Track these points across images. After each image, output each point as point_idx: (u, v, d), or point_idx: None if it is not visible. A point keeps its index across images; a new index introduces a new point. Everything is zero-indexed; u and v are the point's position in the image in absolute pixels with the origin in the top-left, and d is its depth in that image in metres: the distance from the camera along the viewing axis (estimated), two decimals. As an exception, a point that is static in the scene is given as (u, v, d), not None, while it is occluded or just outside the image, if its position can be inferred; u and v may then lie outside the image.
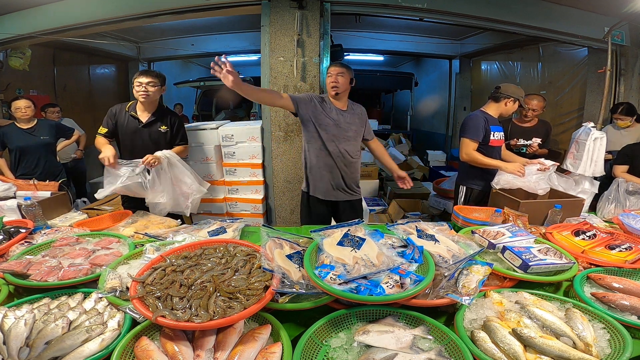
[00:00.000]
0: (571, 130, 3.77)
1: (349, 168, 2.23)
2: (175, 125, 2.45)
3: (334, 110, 2.19)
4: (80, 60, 5.96)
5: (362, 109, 2.36)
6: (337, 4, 3.21)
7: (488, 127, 2.36)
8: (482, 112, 2.43)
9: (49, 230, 1.70)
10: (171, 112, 2.51)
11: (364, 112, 2.36)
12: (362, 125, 2.30)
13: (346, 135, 2.19)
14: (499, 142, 2.45)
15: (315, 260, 1.20)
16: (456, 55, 6.90)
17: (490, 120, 2.39)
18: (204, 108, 7.29)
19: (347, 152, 2.20)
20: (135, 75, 2.31)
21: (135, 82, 2.28)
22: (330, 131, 2.15)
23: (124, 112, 2.37)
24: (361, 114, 2.32)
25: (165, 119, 2.42)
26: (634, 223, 1.71)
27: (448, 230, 1.53)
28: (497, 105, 2.40)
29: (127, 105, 2.38)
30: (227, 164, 3.24)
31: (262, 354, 0.90)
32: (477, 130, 2.34)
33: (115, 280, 1.12)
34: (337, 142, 2.17)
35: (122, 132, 2.36)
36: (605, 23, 3.72)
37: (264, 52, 3.15)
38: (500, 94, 2.37)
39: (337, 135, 2.16)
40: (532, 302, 1.09)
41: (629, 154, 2.69)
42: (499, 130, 2.44)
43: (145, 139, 2.35)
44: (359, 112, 2.32)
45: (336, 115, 2.18)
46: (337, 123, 2.16)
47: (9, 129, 3.08)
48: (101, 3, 3.48)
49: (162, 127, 2.39)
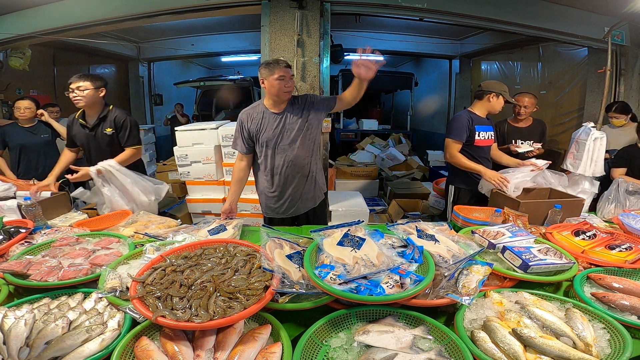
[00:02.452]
0: (571, 130, 3.76)
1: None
2: (120, 125, 2.27)
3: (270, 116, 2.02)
4: (80, 60, 5.97)
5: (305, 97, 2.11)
6: (337, 4, 3.22)
7: (472, 126, 2.35)
8: (468, 111, 2.43)
9: (49, 230, 1.70)
10: (118, 112, 2.32)
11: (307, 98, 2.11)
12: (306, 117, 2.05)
13: (291, 139, 2.01)
14: (486, 142, 2.42)
15: (315, 260, 1.20)
16: (456, 55, 6.91)
17: (475, 120, 2.38)
18: (204, 108, 7.30)
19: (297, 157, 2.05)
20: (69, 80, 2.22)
21: (69, 89, 2.18)
22: (270, 144, 2.01)
23: (75, 120, 2.33)
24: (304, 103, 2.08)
25: (109, 121, 2.28)
26: (634, 223, 1.70)
27: (448, 230, 1.53)
28: (482, 102, 2.41)
29: (77, 114, 2.33)
30: (227, 164, 3.24)
31: (262, 354, 0.90)
32: (460, 131, 2.34)
33: (115, 280, 1.12)
34: (283, 153, 2.02)
35: (77, 140, 2.34)
36: (605, 23, 3.72)
37: (264, 52, 3.15)
38: (482, 91, 2.39)
39: (279, 144, 2.02)
40: (532, 302, 1.09)
41: (626, 157, 2.68)
42: (487, 129, 2.42)
43: (97, 144, 2.28)
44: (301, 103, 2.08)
45: (275, 122, 2.01)
46: (278, 130, 2.01)
47: (10, 127, 3.15)
48: (101, 3, 3.48)
49: (107, 129, 2.27)
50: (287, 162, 2.05)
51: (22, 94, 4.82)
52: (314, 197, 2.20)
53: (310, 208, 2.20)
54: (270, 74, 1.93)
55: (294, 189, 2.12)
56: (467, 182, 2.45)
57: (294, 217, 2.20)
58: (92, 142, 2.30)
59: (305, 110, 2.05)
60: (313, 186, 2.18)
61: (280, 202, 2.16)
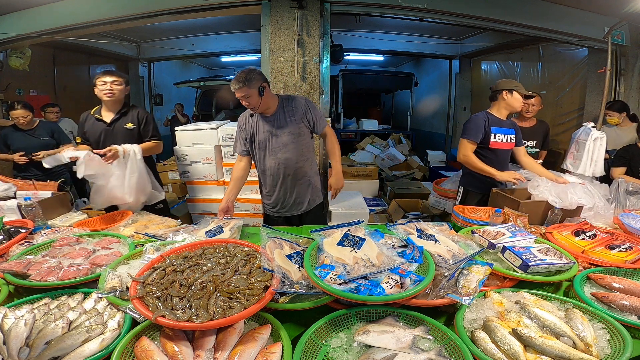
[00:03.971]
0: (571, 130, 3.77)
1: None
2: (143, 120, 2.37)
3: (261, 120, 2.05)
4: (80, 60, 5.97)
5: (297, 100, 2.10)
6: (337, 4, 3.22)
7: (489, 128, 2.28)
8: (485, 112, 2.36)
9: (49, 230, 1.70)
10: (138, 108, 2.43)
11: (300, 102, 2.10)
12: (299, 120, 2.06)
13: (282, 142, 2.04)
14: (503, 144, 2.31)
15: (315, 260, 1.20)
16: (456, 55, 6.91)
17: (492, 121, 2.30)
18: (204, 108, 7.29)
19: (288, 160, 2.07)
20: (98, 75, 2.25)
21: (99, 82, 2.22)
22: (262, 145, 2.05)
23: (90, 116, 2.35)
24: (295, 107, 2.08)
25: (132, 116, 2.35)
26: (634, 223, 1.70)
27: (448, 230, 1.53)
28: (497, 103, 2.33)
29: (93, 110, 2.36)
30: (227, 164, 3.24)
31: (262, 354, 0.90)
32: (475, 131, 2.27)
33: (115, 280, 1.12)
34: (275, 154, 2.05)
35: (90, 137, 2.35)
36: (605, 23, 3.72)
37: (264, 52, 3.15)
38: (494, 91, 2.34)
39: (270, 147, 2.05)
40: (532, 302, 1.09)
41: (626, 156, 2.68)
42: (505, 132, 2.31)
43: (113, 139, 2.29)
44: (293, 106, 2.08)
45: (266, 125, 2.04)
46: (269, 133, 2.04)
47: (9, 130, 3.15)
48: (101, 3, 3.48)
49: (127, 124, 2.32)
50: (278, 164, 2.08)
51: (22, 94, 4.83)
52: (308, 200, 2.21)
53: (303, 211, 2.21)
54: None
55: (284, 190, 2.15)
56: (476, 185, 2.40)
57: (287, 217, 2.22)
58: (109, 136, 2.32)
59: (298, 115, 2.06)
60: (308, 189, 2.19)
61: (271, 201, 2.21)
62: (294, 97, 2.12)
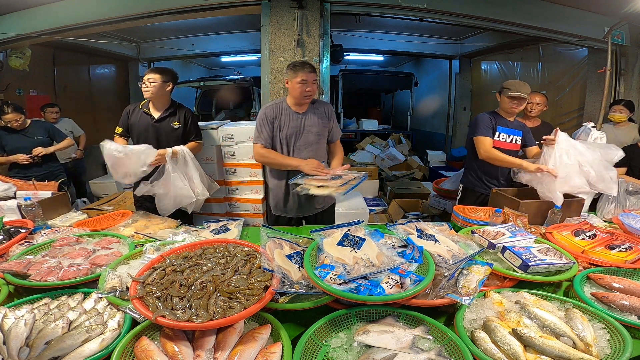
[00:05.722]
0: (571, 130, 3.75)
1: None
2: (189, 121, 2.46)
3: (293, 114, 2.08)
4: (80, 60, 5.96)
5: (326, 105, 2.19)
6: (337, 4, 3.22)
7: (495, 126, 2.29)
8: (493, 111, 2.39)
9: (49, 230, 1.70)
10: (184, 108, 2.50)
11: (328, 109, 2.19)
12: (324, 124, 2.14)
13: (308, 141, 2.08)
14: (507, 145, 2.30)
15: (315, 260, 1.20)
16: (456, 55, 6.91)
17: (499, 120, 2.31)
18: (204, 108, 7.28)
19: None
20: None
21: (142, 80, 2.33)
22: (290, 141, 2.07)
23: (138, 109, 2.41)
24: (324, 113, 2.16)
25: (178, 115, 2.43)
26: (634, 223, 1.70)
27: (448, 230, 1.53)
28: (500, 104, 2.38)
29: (141, 104, 2.42)
30: (227, 164, 3.23)
31: (262, 354, 0.90)
32: (486, 127, 2.27)
33: (115, 280, 1.12)
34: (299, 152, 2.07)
35: (135, 129, 2.39)
36: (605, 23, 3.72)
37: (264, 52, 3.15)
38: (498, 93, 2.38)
39: (297, 143, 2.07)
40: (532, 302, 1.09)
41: (626, 156, 2.67)
42: (510, 132, 2.31)
43: (157, 135, 2.36)
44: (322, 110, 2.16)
45: (296, 121, 2.07)
46: (297, 129, 2.07)
47: (3, 132, 3.08)
48: (101, 3, 3.48)
49: (174, 122, 2.40)
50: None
51: (22, 94, 4.82)
52: (324, 200, 2.24)
53: (319, 211, 2.24)
54: (294, 77, 1.96)
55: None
56: (474, 184, 2.41)
57: (301, 217, 2.23)
58: (153, 132, 2.36)
59: (325, 119, 2.14)
60: None
61: (290, 201, 2.19)
62: (325, 102, 2.21)
